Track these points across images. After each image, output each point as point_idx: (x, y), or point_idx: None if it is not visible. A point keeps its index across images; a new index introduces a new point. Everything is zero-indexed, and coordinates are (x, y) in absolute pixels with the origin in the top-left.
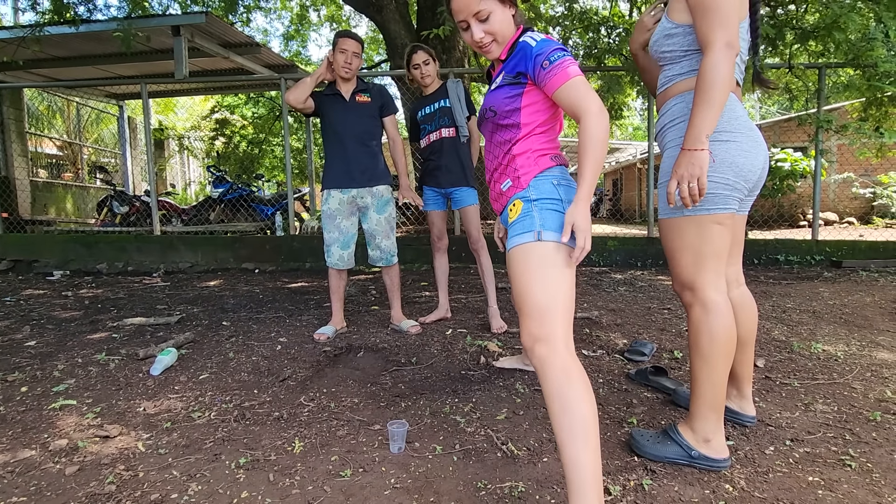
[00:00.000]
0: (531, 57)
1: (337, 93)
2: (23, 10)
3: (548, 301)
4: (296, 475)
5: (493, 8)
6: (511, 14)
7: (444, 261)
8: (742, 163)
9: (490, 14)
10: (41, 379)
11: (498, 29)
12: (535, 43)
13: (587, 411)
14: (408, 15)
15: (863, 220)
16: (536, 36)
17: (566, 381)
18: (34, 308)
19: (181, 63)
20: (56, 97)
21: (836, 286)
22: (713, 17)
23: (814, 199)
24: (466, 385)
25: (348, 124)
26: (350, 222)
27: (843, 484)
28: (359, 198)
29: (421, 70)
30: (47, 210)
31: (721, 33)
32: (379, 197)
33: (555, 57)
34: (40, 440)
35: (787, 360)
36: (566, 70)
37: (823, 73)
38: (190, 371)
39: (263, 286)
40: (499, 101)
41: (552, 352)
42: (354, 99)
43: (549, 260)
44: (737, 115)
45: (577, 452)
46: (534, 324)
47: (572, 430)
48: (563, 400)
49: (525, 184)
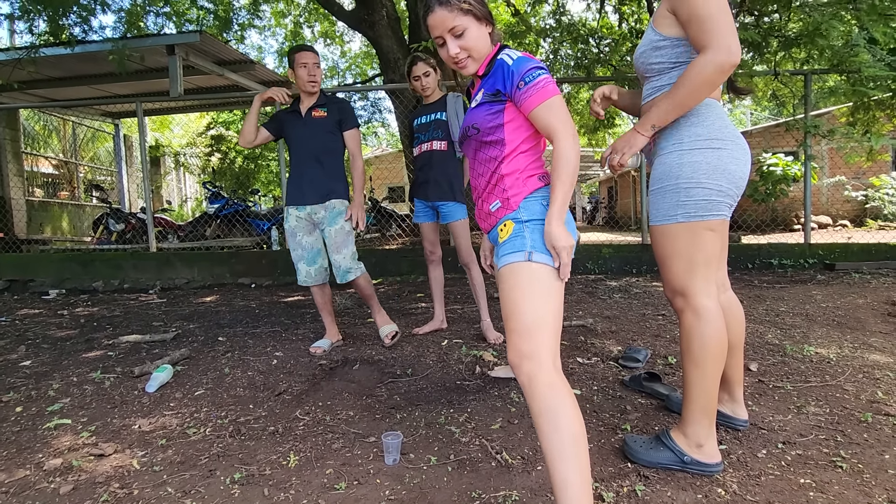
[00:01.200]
0: (508, 75)
1: (296, 110)
2: (20, 34)
3: (536, 318)
4: (290, 489)
5: (468, 24)
6: (487, 31)
7: (438, 272)
8: (734, 170)
9: (465, 30)
10: (36, 398)
11: (473, 45)
12: (512, 61)
13: (576, 429)
14: (400, 30)
15: (856, 223)
16: (513, 54)
17: (553, 398)
18: (29, 328)
19: (176, 81)
20: (52, 117)
21: (828, 289)
22: (709, 24)
23: (805, 202)
24: (462, 395)
25: (302, 140)
26: (312, 238)
27: (835, 485)
28: (314, 214)
29: (421, 82)
30: (43, 229)
31: (722, 39)
32: (331, 210)
33: (530, 77)
34: (35, 460)
35: (779, 363)
36: (541, 91)
37: (809, 80)
38: (185, 387)
39: (259, 301)
40: (480, 118)
41: (539, 369)
42: (310, 114)
43: (538, 279)
44: (725, 123)
45: (566, 471)
46: (521, 341)
47: (562, 449)
48: (550, 417)
49: (515, 205)
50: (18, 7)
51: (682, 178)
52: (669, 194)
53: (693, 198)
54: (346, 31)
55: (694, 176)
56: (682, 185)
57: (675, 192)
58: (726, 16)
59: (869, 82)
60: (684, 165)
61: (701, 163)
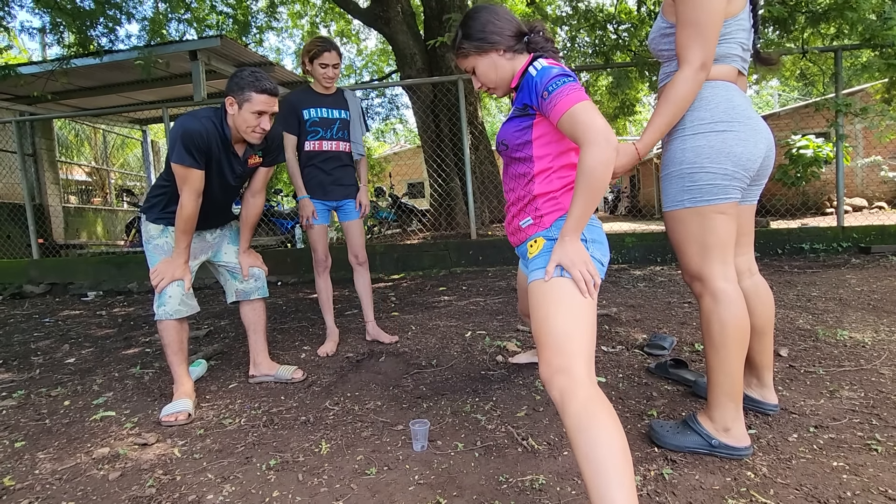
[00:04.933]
0: (532, 88)
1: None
2: (49, 45)
3: (568, 331)
4: (323, 475)
5: (474, 62)
6: (497, 57)
7: (329, 281)
8: (740, 152)
9: (474, 67)
10: (82, 393)
11: (485, 78)
12: (536, 72)
13: (618, 445)
14: (415, 25)
15: (894, 205)
16: (538, 64)
17: (590, 413)
18: (71, 328)
19: (199, 86)
20: (83, 125)
21: (863, 273)
22: (695, 34)
23: (837, 184)
24: (486, 384)
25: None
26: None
27: (869, 468)
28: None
29: (329, 71)
30: (79, 234)
31: (699, 53)
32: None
33: (553, 86)
34: (84, 449)
35: (811, 348)
36: (564, 99)
37: (840, 56)
38: (220, 381)
39: (286, 297)
40: (509, 134)
41: (573, 382)
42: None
43: (567, 293)
44: (734, 104)
45: (609, 492)
46: (552, 354)
47: (602, 468)
48: (588, 435)
49: (548, 224)
50: (49, 21)
51: (686, 163)
52: (675, 180)
53: (697, 182)
54: (361, 29)
55: (697, 161)
56: (685, 170)
57: (681, 178)
58: (711, 28)
59: None
60: (687, 150)
61: (704, 147)
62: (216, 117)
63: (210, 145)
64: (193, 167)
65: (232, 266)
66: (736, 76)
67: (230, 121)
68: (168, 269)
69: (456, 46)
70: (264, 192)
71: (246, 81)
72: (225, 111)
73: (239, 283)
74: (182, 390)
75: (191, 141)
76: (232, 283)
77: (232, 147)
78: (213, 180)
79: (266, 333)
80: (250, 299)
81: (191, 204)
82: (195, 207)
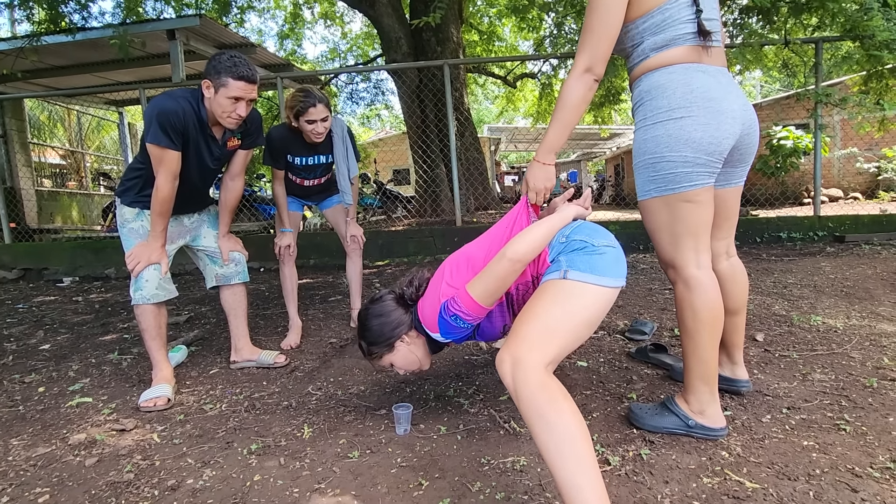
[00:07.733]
0: (452, 325)
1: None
2: (18, 22)
3: (547, 327)
4: (305, 458)
5: (390, 359)
6: (404, 342)
7: (294, 270)
8: (699, 137)
9: (391, 363)
10: (57, 379)
11: (406, 363)
12: (441, 320)
13: (574, 426)
14: (401, 8)
15: (868, 195)
16: (435, 325)
17: (544, 397)
18: (46, 314)
19: (177, 67)
20: (56, 106)
21: (838, 260)
22: (586, 39)
23: (815, 174)
24: (470, 369)
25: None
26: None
27: (838, 447)
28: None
29: (318, 126)
30: (54, 219)
31: (584, 56)
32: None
33: (454, 316)
34: (59, 435)
35: (786, 333)
36: (469, 303)
37: (821, 48)
38: (200, 367)
39: (269, 283)
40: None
41: (526, 367)
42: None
43: (569, 293)
44: (692, 88)
45: (571, 475)
46: (517, 342)
47: (560, 451)
48: (544, 417)
49: (545, 265)
50: None
51: (647, 153)
52: (642, 170)
53: (660, 172)
54: (346, 12)
55: (657, 150)
56: (648, 160)
57: (646, 168)
58: (601, 33)
59: (883, 48)
60: (648, 141)
61: (661, 136)
62: (193, 98)
63: (187, 126)
64: (169, 148)
65: (211, 250)
66: (700, 54)
67: (206, 104)
68: (144, 252)
69: (367, 354)
70: (243, 176)
71: (224, 66)
72: (202, 93)
73: (219, 267)
74: (161, 375)
75: (167, 121)
76: (212, 267)
77: (209, 129)
78: (190, 163)
79: (247, 318)
80: (230, 284)
81: (167, 186)
82: (171, 190)
